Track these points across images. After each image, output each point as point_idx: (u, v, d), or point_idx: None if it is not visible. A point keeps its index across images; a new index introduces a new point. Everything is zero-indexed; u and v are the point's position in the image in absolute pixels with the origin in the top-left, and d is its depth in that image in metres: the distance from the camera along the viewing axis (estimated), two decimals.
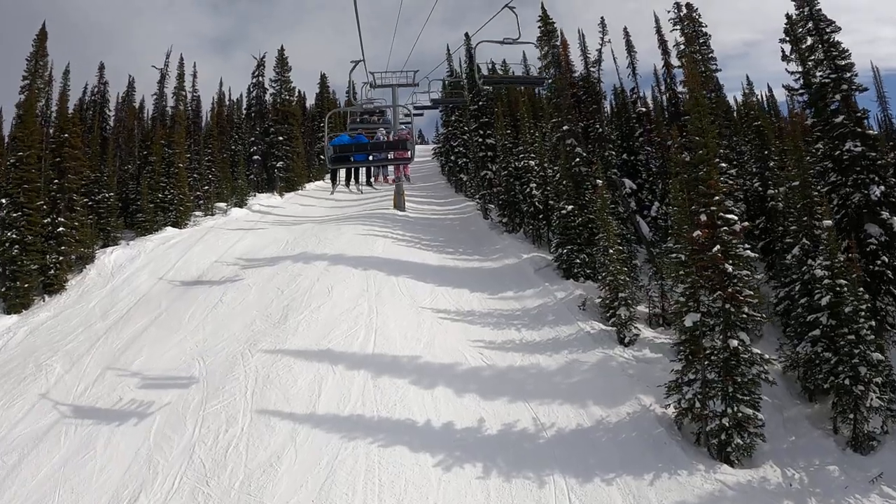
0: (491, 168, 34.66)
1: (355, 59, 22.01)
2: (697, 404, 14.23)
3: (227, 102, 57.02)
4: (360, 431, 14.09)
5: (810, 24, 22.09)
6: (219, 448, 13.75)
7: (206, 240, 31.50)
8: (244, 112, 52.76)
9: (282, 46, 52.48)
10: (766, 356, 14.99)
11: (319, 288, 22.42)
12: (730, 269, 13.73)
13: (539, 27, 26.18)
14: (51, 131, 31.45)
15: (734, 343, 13.97)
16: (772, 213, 22.78)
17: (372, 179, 17.40)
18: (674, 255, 15.94)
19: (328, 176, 57.80)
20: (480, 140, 35.40)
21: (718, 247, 13.65)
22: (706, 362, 14.20)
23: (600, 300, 20.80)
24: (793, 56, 24.67)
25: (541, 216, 28.14)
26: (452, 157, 48.20)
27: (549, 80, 35.69)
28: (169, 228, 33.90)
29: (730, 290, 13.77)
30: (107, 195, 33.05)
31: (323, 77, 62.03)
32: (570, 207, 23.07)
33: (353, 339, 18.20)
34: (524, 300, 22.08)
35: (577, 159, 24.38)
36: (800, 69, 22.96)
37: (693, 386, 14.45)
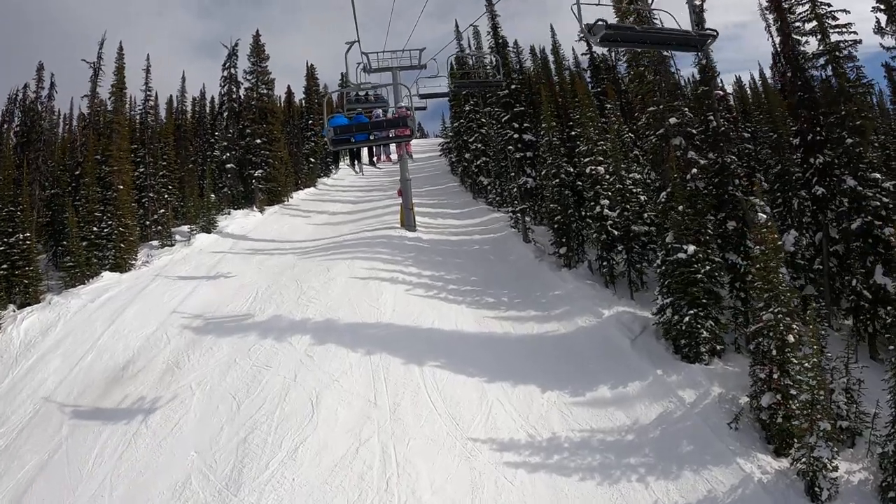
0: (531, 174, 25.87)
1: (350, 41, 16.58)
2: None
3: (204, 102, 48.32)
4: None
5: None
6: None
7: (150, 292, 22.95)
8: (217, 112, 43.81)
9: (257, 31, 43.52)
10: None
11: (297, 398, 14.00)
12: None
13: None
14: None
15: None
16: None
17: (374, 159, 17.71)
18: None
19: (319, 181, 50.12)
20: (516, 136, 26.44)
21: None
22: None
23: (759, 409, 12.35)
24: (888, 29, 18.29)
25: (619, 247, 19.56)
26: (468, 156, 39.39)
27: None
28: (106, 274, 25.34)
29: None
30: (21, 237, 24.63)
31: (311, 68, 53.22)
32: (691, 249, 14.41)
33: None
34: (631, 406, 13.55)
35: (694, 169, 15.55)
36: None
37: None
